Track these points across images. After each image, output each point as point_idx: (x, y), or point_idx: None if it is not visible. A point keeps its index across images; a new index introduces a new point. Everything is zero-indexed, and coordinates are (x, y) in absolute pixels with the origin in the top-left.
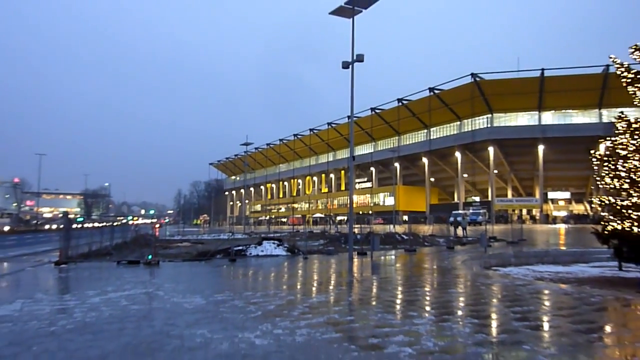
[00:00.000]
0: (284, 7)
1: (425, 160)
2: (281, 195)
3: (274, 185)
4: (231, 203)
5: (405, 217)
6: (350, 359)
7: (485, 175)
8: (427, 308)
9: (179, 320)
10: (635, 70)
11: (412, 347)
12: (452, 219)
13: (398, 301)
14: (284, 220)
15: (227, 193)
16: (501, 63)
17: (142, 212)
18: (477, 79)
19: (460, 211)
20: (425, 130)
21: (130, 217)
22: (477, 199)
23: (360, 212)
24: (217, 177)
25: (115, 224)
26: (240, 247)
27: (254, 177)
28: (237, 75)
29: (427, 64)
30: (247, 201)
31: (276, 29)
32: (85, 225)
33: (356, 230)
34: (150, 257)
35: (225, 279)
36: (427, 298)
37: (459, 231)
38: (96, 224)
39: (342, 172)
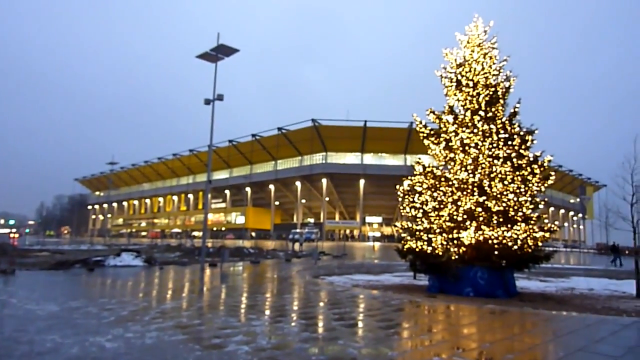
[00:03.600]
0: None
1: (272, 187)
2: (143, 212)
3: (136, 202)
4: (94, 217)
5: (253, 234)
6: (193, 357)
7: (319, 201)
8: (265, 311)
9: (31, 327)
10: (429, 128)
11: (248, 345)
12: (291, 236)
13: (241, 306)
14: (144, 234)
15: (90, 207)
16: (337, 110)
17: (2, 221)
18: (316, 123)
19: (298, 230)
20: (273, 162)
21: None
22: (312, 220)
23: (215, 229)
24: (81, 192)
25: None
26: (99, 258)
27: (117, 194)
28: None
29: (277, 106)
30: (109, 215)
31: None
32: None
33: (210, 244)
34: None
35: (82, 287)
36: (266, 303)
37: (296, 246)
38: None
39: (200, 193)
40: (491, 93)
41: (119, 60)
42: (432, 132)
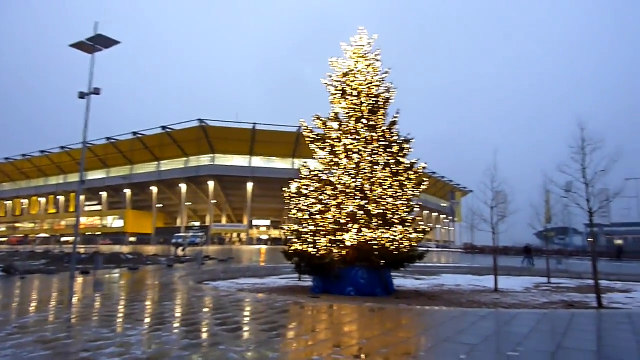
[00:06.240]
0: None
1: (154, 188)
2: (2, 215)
3: None
4: None
5: (133, 239)
6: None
7: (205, 204)
8: (142, 320)
9: None
10: (315, 133)
11: (122, 357)
12: (174, 240)
13: (115, 315)
14: (4, 240)
15: None
16: (225, 111)
17: None
18: (204, 124)
19: (181, 234)
20: (157, 162)
21: None
22: (198, 223)
23: (89, 233)
24: None
25: None
26: None
27: None
28: None
29: (163, 104)
30: None
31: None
32: None
33: (82, 250)
34: None
35: None
36: (143, 311)
37: (180, 251)
38: None
39: (72, 194)
40: (373, 102)
41: None
42: (318, 138)
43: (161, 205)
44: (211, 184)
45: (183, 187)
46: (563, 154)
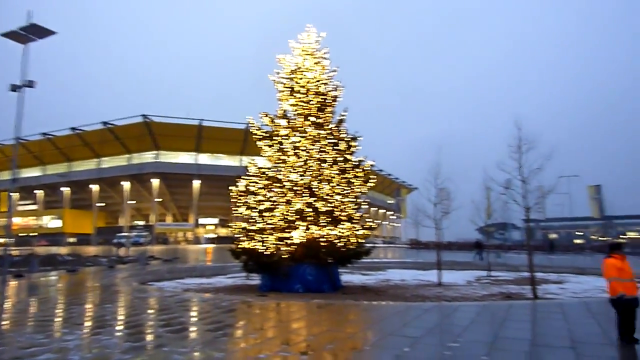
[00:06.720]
0: None
1: (94, 186)
2: None
3: None
4: None
5: (72, 239)
6: None
7: (149, 202)
8: (81, 324)
9: None
10: (263, 130)
11: None
12: (116, 240)
13: (52, 320)
14: None
15: None
16: (171, 108)
17: None
18: (148, 119)
19: (124, 233)
20: (97, 159)
21: None
22: (142, 223)
23: (22, 234)
24: None
25: None
26: None
27: None
28: None
29: (103, 99)
30: None
31: None
32: None
33: (15, 253)
34: None
35: None
36: (82, 315)
37: (122, 251)
38: None
39: (4, 193)
40: (321, 100)
41: None
42: (266, 135)
43: (102, 204)
44: (155, 182)
45: (126, 184)
46: (503, 153)
